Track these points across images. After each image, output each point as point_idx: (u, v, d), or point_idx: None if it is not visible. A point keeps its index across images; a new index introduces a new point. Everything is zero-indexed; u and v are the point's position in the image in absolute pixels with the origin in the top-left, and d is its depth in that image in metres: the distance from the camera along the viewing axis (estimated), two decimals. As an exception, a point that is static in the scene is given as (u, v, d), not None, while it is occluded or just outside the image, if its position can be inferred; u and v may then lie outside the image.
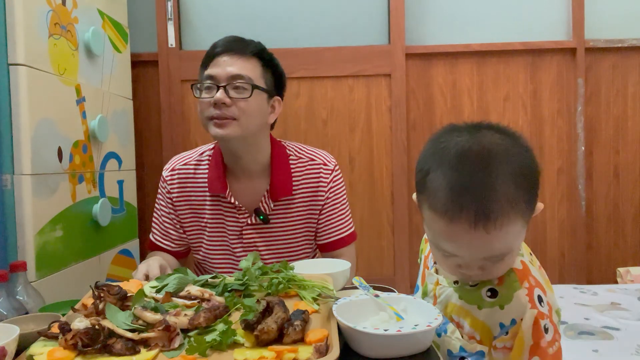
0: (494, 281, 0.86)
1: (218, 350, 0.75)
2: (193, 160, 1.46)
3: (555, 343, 0.83)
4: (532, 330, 0.81)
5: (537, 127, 2.42)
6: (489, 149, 0.75)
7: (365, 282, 0.96)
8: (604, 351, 1.46)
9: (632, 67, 2.42)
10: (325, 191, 1.42)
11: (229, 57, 1.32)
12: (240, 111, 1.30)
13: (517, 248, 0.81)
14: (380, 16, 2.42)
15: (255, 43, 1.38)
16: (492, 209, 0.72)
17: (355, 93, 2.37)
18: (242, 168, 1.39)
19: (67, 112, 1.64)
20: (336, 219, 1.44)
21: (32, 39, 1.45)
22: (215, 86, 1.31)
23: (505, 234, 0.74)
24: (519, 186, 0.74)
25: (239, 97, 1.30)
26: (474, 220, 0.73)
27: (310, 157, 1.44)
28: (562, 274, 2.44)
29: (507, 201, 0.73)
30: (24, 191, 1.41)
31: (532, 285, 0.84)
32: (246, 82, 1.31)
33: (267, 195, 1.40)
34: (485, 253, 0.77)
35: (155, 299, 0.94)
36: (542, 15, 2.42)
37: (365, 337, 0.78)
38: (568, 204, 2.43)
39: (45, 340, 0.79)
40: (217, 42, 1.36)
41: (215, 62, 1.33)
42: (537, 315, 0.82)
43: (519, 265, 0.86)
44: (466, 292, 0.89)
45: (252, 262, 1.07)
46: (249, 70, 1.32)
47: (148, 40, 2.38)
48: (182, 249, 1.50)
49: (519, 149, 0.77)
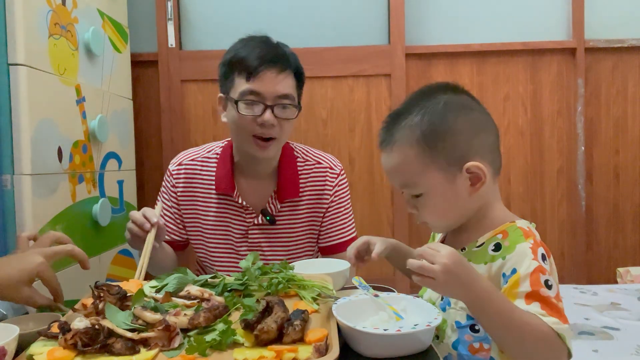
0: (498, 236, 0.88)
1: (218, 350, 0.75)
2: (200, 157, 1.45)
3: (561, 303, 0.80)
4: (531, 279, 0.80)
5: (537, 127, 2.42)
6: (431, 93, 0.92)
7: (365, 282, 0.96)
8: (604, 351, 1.46)
9: (632, 67, 2.42)
10: (330, 194, 1.43)
11: (274, 72, 1.28)
12: (281, 131, 1.31)
13: (432, 191, 0.88)
14: (380, 16, 2.42)
15: (292, 56, 1.34)
16: (394, 133, 0.91)
17: (355, 93, 2.37)
18: (252, 170, 1.39)
19: (67, 112, 1.64)
20: (339, 222, 1.45)
21: (32, 39, 1.45)
22: (261, 104, 1.28)
23: (397, 157, 0.90)
24: (425, 128, 0.88)
25: (284, 118, 1.30)
26: (382, 140, 0.94)
27: (317, 160, 1.45)
28: (562, 274, 2.44)
29: (408, 131, 0.89)
30: (24, 191, 1.41)
31: (537, 243, 0.85)
32: (292, 103, 1.31)
33: (274, 196, 1.40)
34: (388, 173, 0.94)
35: (155, 299, 0.94)
36: (542, 15, 2.42)
37: (364, 337, 0.78)
38: (568, 204, 2.43)
39: (45, 340, 0.79)
40: (254, 52, 1.29)
41: (259, 76, 1.27)
42: (538, 267, 0.81)
43: (525, 226, 0.88)
44: (473, 254, 0.91)
45: (252, 262, 1.07)
46: (292, 89, 1.32)
47: (148, 40, 2.38)
48: (181, 242, 1.48)
49: (453, 109, 0.89)
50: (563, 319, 0.78)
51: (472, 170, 0.87)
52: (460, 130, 0.88)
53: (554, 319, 0.77)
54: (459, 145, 0.88)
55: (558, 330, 0.76)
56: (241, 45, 1.33)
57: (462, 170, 0.87)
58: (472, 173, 0.88)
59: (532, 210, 2.44)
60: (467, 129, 0.89)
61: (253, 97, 1.28)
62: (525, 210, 2.43)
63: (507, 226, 0.89)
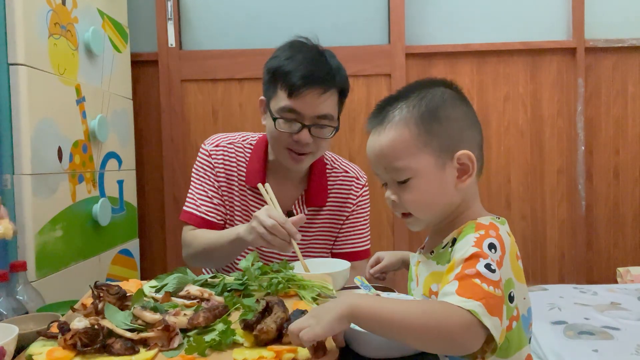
0: (455, 234, 0.87)
1: (217, 350, 0.75)
2: (238, 143, 1.42)
3: (498, 290, 0.75)
4: (464, 264, 0.77)
5: (537, 127, 2.42)
6: (429, 84, 0.93)
7: (367, 282, 0.96)
8: (604, 351, 1.45)
9: (632, 67, 2.41)
10: (353, 204, 1.45)
11: (316, 93, 1.25)
12: (317, 147, 1.31)
13: (421, 174, 0.87)
14: (380, 16, 2.42)
15: (339, 72, 1.31)
16: (388, 113, 0.90)
17: (355, 93, 2.37)
18: (284, 170, 1.38)
19: (67, 112, 1.64)
20: (356, 232, 1.47)
21: (32, 38, 1.45)
22: (299, 123, 1.26)
23: (391, 135, 0.88)
24: (423, 110, 0.88)
25: (321, 137, 1.29)
26: (373, 119, 0.92)
27: (344, 170, 1.47)
28: (562, 274, 2.44)
29: (405, 111, 0.88)
30: (24, 191, 1.41)
31: (487, 234, 0.82)
32: (329, 123, 1.29)
33: (301, 200, 1.41)
34: (377, 155, 0.90)
35: (154, 299, 0.94)
36: (542, 15, 2.42)
37: (364, 337, 0.78)
38: (568, 204, 2.43)
39: (44, 340, 0.79)
40: (300, 69, 1.25)
41: (301, 94, 1.25)
42: (476, 253, 0.78)
43: (485, 222, 0.86)
44: (439, 255, 0.90)
45: (252, 262, 1.07)
46: (332, 108, 1.30)
47: (148, 40, 2.38)
48: (223, 225, 1.42)
49: (450, 99, 0.91)
50: (478, 297, 0.73)
51: (462, 160, 0.87)
52: (456, 119, 0.89)
53: (463, 298, 0.73)
54: (454, 132, 0.88)
55: (467, 307, 0.72)
56: (289, 55, 1.29)
57: (452, 158, 0.87)
58: (462, 164, 0.88)
59: (532, 210, 2.44)
60: (462, 119, 0.90)
61: (292, 115, 1.26)
62: (525, 210, 2.43)
63: (467, 224, 0.87)
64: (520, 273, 0.86)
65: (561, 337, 1.56)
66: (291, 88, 1.25)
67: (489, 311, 0.72)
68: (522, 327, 0.87)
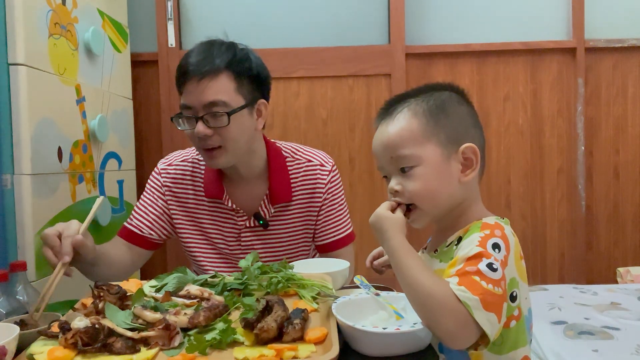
0: (461, 232, 0.89)
1: (218, 348, 0.75)
2: (191, 159, 1.43)
3: (497, 288, 0.77)
4: (467, 262, 0.79)
5: (537, 127, 2.42)
6: (438, 87, 0.97)
7: (367, 281, 0.96)
8: (604, 351, 1.45)
9: (632, 67, 2.42)
10: (323, 192, 1.40)
11: (199, 80, 1.21)
12: (223, 139, 1.24)
13: (427, 163, 0.88)
14: (380, 16, 2.42)
15: (222, 52, 1.25)
16: (398, 107, 0.94)
17: (355, 93, 2.37)
18: (239, 173, 1.37)
19: (67, 112, 1.64)
20: (334, 220, 1.43)
21: (32, 39, 1.45)
22: (193, 118, 1.23)
23: (400, 124, 0.91)
24: (432, 104, 0.92)
25: (218, 126, 1.23)
26: (383, 112, 0.97)
27: (307, 158, 1.42)
28: (562, 274, 2.44)
29: (414, 104, 0.93)
30: (24, 191, 1.41)
31: (492, 234, 0.83)
32: (221, 109, 1.22)
33: (266, 200, 1.37)
34: (384, 144, 0.93)
35: (154, 298, 0.95)
36: (542, 15, 2.42)
37: (364, 336, 0.78)
38: (568, 204, 2.43)
39: (45, 339, 0.80)
40: (185, 60, 1.25)
41: (187, 88, 1.23)
42: (480, 253, 0.79)
43: (490, 222, 0.87)
44: (444, 253, 0.92)
45: (251, 262, 1.07)
46: (223, 92, 1.22)
47: (148, 40, 2.38)
48: (157, 240, 1.42)
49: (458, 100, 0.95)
50: (476, 292, 0.75)
51: (467, 154, 0.89)
52: (463, 116, 0.93)
53: (463, 287, 0.75)
54: (460, 127, 0.91)
55: (462, 298, 0.74)
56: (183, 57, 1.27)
57: (458, 150, 0.89)
58: (466, 158, 0.89)
59: (532, 210, 2.44)
60: (468, 118, 0.94)
61: (188, 112, 1.24)
62: (525, 210, 2.43)
63: (473, 224, 0.88)
64: (523, 273, 0.87)
65: (561, 337, 1.56)
66: (177, 85, 1.26)
67: (485, 306, 0.74)
68: (523, 327, 0.87)
